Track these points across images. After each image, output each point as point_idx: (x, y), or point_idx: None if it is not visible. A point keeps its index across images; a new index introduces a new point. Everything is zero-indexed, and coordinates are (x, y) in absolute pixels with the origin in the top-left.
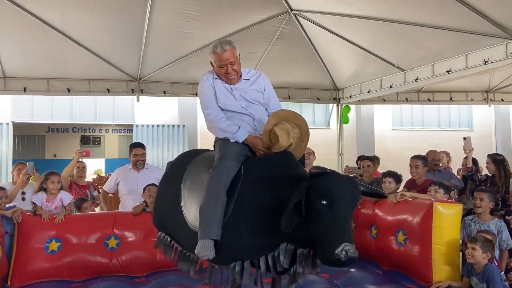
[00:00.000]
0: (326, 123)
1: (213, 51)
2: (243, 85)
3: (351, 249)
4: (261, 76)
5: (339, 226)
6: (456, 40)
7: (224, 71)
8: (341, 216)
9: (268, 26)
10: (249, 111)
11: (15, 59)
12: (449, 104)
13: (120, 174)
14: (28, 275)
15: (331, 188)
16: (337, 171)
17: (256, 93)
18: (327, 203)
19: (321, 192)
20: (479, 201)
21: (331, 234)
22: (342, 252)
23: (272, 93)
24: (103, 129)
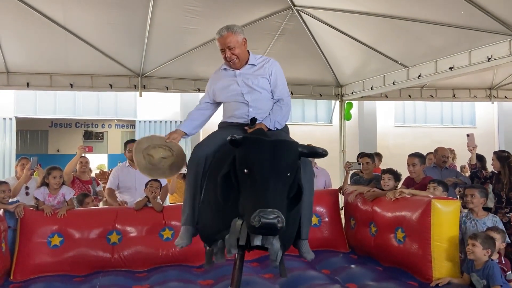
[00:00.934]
0: (328, 120)
1: (215, 37)
2: (247, 71)
3: (266, 214)
4: (269, 62)
5: (257, 192)
6: (459, 37)
7: (223, 56)
8: (260, 181)
9: (270, 22)
10: (246, 97)
11: (18, 55)
12: (452, 101)
13: (119, 172)
14: (31, 270)
15: (248, 154)
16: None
17: (260, 79)
18: (247, 171)
19: (241, 160)
20: (470, 198)
21: (249, 201)
22: (255, 218)
23: (280, 80)
24: (106, 125)
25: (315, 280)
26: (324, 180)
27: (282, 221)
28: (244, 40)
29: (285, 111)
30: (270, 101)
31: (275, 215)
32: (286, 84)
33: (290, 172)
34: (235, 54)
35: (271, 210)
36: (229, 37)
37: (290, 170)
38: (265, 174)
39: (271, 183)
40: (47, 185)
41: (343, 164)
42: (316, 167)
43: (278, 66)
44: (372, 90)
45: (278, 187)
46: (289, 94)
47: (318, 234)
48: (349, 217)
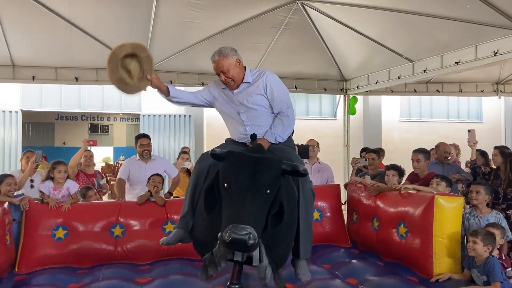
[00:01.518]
0: (333, 114)
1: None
2: (242, 90)
3: (237, 230)
4: (264, 76)
5: (232, 207)
6: (465, 31)
7: (220, 80)
8: (236, 196)
9: (275, 16)
10: (241, 117)
11: (23, 48)
12: (458, 95)
13: (130, 164)
14: (35, 262)
15: (228, 168)
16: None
17: (255, 96)
18: (227, 185)
19: (222, 174)
20: (475, 194)
21: (225, 215)
22: (227, 233)
23: (277, 93)
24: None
25: (315, 275)
26: (327, 175)
27: (253, 238)
28: (237, 61)
29: (286, 123)
30: (269, 116)
31: (246, 232)
32: (286, 95)
33: (270, 189)
34: (229, 77)
35: (243, 226)
36: (221, 62)
37: (270, 187)
38: (242, 189)
39: (247, 199)
40: (52, 179)
41: (347, 158)
42: (319, 162)
43: (274, 79)
44: (377, 85)
45: (255, 204)
46: (289, 105)
47: (320, 229)
48: (352, 211)
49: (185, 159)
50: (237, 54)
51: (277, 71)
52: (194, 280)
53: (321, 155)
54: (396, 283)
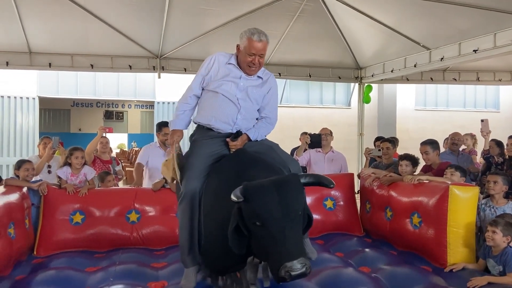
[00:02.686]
0: (347, 103)
1: (249, 37)
2: (254, 82)
3: (294, 267)
4: (271, 78)
5: (277, 245)
6: (484, 19)
7: (250, 60)
8: (277, 233)
9: (290, 3)
10: (240, 103)
11: (40, 35)
12: (475, 84)
13: (149, 151)
14: (53, 245)
15: (256, 207)
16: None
17: (260, 93)
18: (260, 224)
19: (250, 214)
20: (493, 184)
21: (272, 255)
22: (286, 274)
23: (273, 100)
24: (125, 105)
25: (328, 262)
26: (340, 164)
27: (309, 267)
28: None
29: (269, 129)
30: (256, 113)
31: (302, 264)
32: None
33: (301, 210)
34: (260, 63)
35: (298, 260)
36: (266, 46)
37: (301, 208)
38: (280, 224)
39: (288, 232)
40: (70, 165)
41: (361, 147)
42: (332, 151)
43: (276, 85)
44: (392, 73)
45: (296, 232)
46: (276, 117)
47: (333, 218)
48: (365, 201)
49: None
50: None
51: (291, 59)
52: None
53: (335, 143)
54: (409, 272)
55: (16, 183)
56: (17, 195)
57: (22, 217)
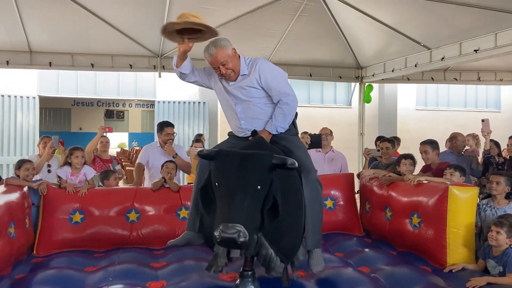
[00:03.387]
0: (347, 102)
1: (204, 55)
2: (239, 82)
3: (226, 229)
4: (256, 67)
5: (222, 206)
6: (485, 18)
7: (218, 73)
8: (226, 195)
9: (290, 2)
10: (236, 110)
11: (40, 34)
12: (476, 84)
13: (149, 151)
14: (53, 245)
15: (217, 168)
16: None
17: (248, 89)
18: (217, 185)
19: (213, 174)
20: (495, 185)
21: (217, 215)
22: (217, 233)
23: (273, 82)
24: (126, 104)
25: (328, 262)
26: (340, 164)
27: (243, 236)
28: (233, 51)
29: (287, 111)
30: (266, 106)
31: (236, 230)
32: (282, 82)
33: (261, 185)
34: (229, 69)
35: (232, 225)
36: (220, 54)
37: (261, 183)
38: (231, 188)
39: (236, 197)
40: (70, 165)
41: (362, 147)
42: (332, 151)
43: (267, 68)
44: (393, 73)
45: (246, 201)
46: (288, 92)
47: (333, 217)
48: (365, 201)
49: (198, 147)
50: (231, 44)
51: (292, 58)
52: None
53: (335, 143)
54: (409, 273)
55: (16, 183)
56: (18, 195)
57: (22, 217)
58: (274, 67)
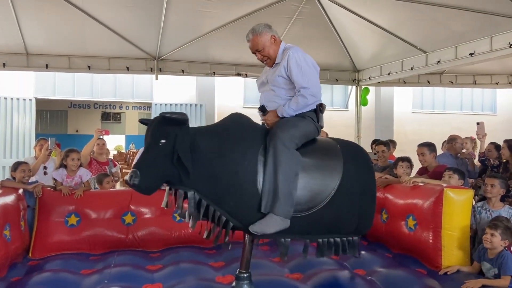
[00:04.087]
0: (344, 105)
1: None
2: (273, 70)
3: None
4: (287, 55)
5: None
6: (480, 22)
7: (257, 58)
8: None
9: (287, 6)
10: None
11: (37, 37)
12: (472, 87)
13: None
14: (48, 248)
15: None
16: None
17: (277, 78)
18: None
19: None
20: (490, 188)
21: None
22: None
23: (295, 70)
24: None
25: (323, 265)
26: None
27: (135, 177)
28: (272, 38)
29: (301, 102)
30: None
31: (131, 174)
32: (306, 73)
33: (164, 139)
34: (265, 55)
35: (131, 170)
36: (255, 40)
37: (163, 137)
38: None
39: (143, 150)
40: (65, 167)
41: None
42: None
43: (295, 56)
44: (389, 76)
45: (149, 152)
46: (309, 86)
47: None
48: None
49: None
50: (271, 30)
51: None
52: (204, 268)
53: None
54: (405, 275)
55: (12, 185)
56: (13, 197)
57: (17, 219)
58: (303, 57)
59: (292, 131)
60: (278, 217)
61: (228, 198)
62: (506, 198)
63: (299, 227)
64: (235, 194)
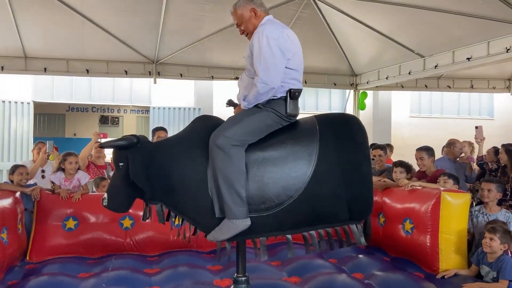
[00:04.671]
0: (342, 109)
1: None
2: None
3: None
4: (256, 33)
5: None
6: (477, 27)
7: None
8: None
9: (285, 10)
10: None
11: (36, 40)
12: (469, 91)
13: None
14: (46, 251)
15: None
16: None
17: (247, 59)
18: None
19: None
20: (487, 192)
21: None
22: None
23: (256, 52)
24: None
25: (322, 268)
26: None
27: (104, 201)
28: (253, 11)
29: (252, 92)
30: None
31: (102, 197)
32: (264, 57)
33: (121, 162)
34: (242, 30)
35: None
36: (235, 14)
37: (120, 161)
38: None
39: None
40: (63, 170)
41: None
42: None
43: (260, 34)
44: (387, 80)
45: (113, 176)
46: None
47: None
48: None
49: None
50: (252, 2)
51: None
52: (202, 272)
53: None
54: (402, 279)
55: (9, 188)
56: (10, 200)
57: (15, 222)
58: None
59: (232, 129)
60: (232, 220)
61: (188, 206)
62: (503, 202)
63: (269, 226)
64: (193, 202)
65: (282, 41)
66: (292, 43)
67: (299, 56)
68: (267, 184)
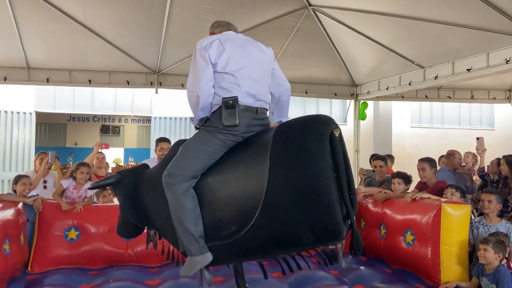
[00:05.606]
0: (343, 119)
1: None
2: None
3: None
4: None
5: None
6: (477, 39)
7: None
8: None
9: (286, 21)
10: None
11: (38, 51)
12: (470, 102)
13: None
14: (48, 262)
15: None
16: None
17: None
18: None
19: None
20: (487, 203)
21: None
22: None
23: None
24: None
25: (323, 280)
26: None
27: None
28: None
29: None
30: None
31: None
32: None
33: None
34: None
35: None
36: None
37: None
38: None
39: None
40: (74, 179)
41: (357, 164)
42: None
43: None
44: (387, 90)
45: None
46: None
47: None
48: (360, 218)
49: None
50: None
51: (288, 75)
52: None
53: None
54: None
55: (11, 199)
56: (13, 211)
57: (17, 233)
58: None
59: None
60: (192, 257)
61: (167, 234)
62: (505, 213)
63: (236, 252)
64: (170, 230)
65: (209, 47)
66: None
67: (239, 60)
68: (221, 211)
